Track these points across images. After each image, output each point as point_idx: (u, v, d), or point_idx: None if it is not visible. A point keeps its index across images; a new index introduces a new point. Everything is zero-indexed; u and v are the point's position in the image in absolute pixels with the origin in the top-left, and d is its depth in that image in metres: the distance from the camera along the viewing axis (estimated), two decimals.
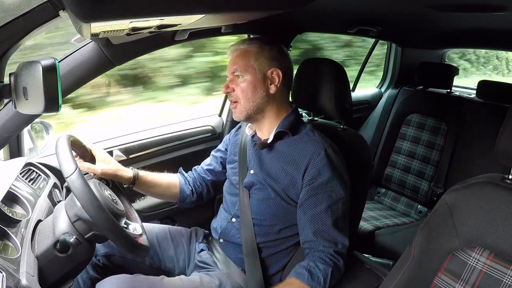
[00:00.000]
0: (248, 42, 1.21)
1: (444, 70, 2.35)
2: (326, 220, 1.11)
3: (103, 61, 1.16)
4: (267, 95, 1.19)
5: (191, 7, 0.70)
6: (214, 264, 1.28)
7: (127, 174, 1.23)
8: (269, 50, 1.19)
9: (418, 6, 1.48)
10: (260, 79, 1.18)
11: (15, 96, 0.73)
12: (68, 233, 0.89)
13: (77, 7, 0.58)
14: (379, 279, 1.18)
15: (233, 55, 1.21)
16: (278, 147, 1.19)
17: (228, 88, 1.19)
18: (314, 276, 1.06)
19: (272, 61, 1.19)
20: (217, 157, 1.42)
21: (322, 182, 1.11)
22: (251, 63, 1.17)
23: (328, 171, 1.11)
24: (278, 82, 1.19)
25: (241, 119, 1.22)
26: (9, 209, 0.95)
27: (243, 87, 1.17)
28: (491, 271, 0.81)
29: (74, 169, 0.88)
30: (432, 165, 2.21)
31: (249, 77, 1.17)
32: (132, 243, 0.92)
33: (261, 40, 1.21)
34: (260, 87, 1.18)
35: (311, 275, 1.06)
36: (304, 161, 1.13)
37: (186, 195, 1.37)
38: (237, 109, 1.20)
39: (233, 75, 1.19)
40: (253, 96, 1.17)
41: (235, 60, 1.19)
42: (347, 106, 1.34)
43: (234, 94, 1.19)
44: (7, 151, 1.27)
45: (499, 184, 0.85)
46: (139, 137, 1.68)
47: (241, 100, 1.18)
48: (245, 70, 1.17)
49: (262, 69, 1.18)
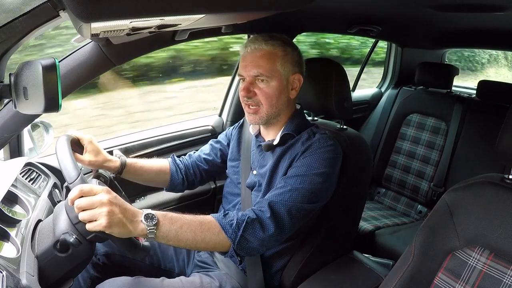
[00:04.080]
0: (272, 42, 1.11)
1: (444, 70, 2.35)
2: (282, 200, 1.04)
3: (103, 61, 1.16)
4: (288, 100, 1.16)
5: (191, 7, 0.70)
6: (213, 264, 1.28)
7: (114, 164, 1.22)
8: (292, 53, 1.14)
9: (418, 6, 1.48)
10: (284, 85, 1.13)
11: (15, 96, 0.73)
12: (68, 233, 0.88)
13: (77, 7, 0.58)
14: (379, 279, 1.19)
15: (254, 54, 1.11)
16: (281, 148, 1.18)
17: (249, 92, 1.12)
18: (228, 216, 1.00)
19: (295, 66, 1.15)
20: (216, 148, 1.41)
21: (301, 170, 1.08)
22: (278, 68, 1.11)
23: (317, 152, 1.09)
24: (298, 87, 1.16)
25: (258, 124, 1.18)
26: (9, 209, 0.95)
27: (269, 93, 1.11)
28: (491, 271, 0.81)
29: (77, 176, 0.88)
30: (432, 165, 2.21)
31: (275, 83, 1.11)
32: (133, 243, 0.92)
33: (283, 41, 1.14)
34: (284, 93, 1.14)
35: (225, 215, 1.00)
36: (298, 154, 1.12)
37: (176, 183, 1.35)
38: (257, 114, 1.14)
39: (255, 78, 1.11)
40: (277, 102, 1.13)
41: (259, 62, 1.10)
42: (347, 106, 1.34)
43: (255, 98, 1.12)
44: (7, 151, 1.27)
45: (499, 184, 0.85)
46: (139, 137, 1.68)
47: (264, 106, 1.12)
48: (271, 76, 1.10)
49: (286, 74, 1.13)
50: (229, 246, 1.00)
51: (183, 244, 0.95)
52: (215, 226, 0.98)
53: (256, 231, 1.01)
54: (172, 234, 0.91)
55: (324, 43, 4.72)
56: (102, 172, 1.18)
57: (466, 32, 2.14)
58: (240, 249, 1.00)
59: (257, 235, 1.01)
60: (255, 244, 1.01)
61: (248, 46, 1.13)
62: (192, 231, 0.94)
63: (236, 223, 0.99)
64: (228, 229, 0.98)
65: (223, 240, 0.98)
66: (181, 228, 0.93)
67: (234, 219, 0.99)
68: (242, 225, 0.99)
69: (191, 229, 0.94)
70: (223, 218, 1.00)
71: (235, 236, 0.98)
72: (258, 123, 1.18)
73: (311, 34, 3.91)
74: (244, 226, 0.99)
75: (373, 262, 1.31)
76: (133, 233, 0.85)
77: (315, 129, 1.19)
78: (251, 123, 1.20)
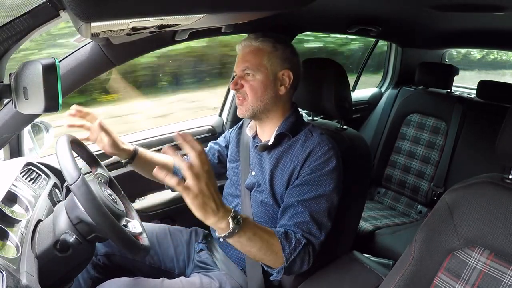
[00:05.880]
0: (262, 39, 1.15)
1: (444, 70, 2.35)
2: (305, 211, 1.06)
3: (103, 61, 1.16)
4: (276, 96, 1.17)
5: (191, 7, 0.71)
6: (213, 264, 1.28)
7: (128, 147, 1.27)
8: (282, 50, 1.16)
9: (418, 6, 1.49)
10: (271, 80, 1.15)
11: (15, 96, 0.73)
12: (68, 233, 0.89)
13: (77, 7, 0.58)
14: (379, 279, 1.19)
15: (244, 51, 1.16)
16: (278, 149, 1.18)
17: (237, 85, 1.16)
18: (288, 237, 1.02)
19: (284, 62, 1.16)
20: (214, 149, 1.42)
21: (312, 176, 1.09)
22: (264, 63, 1.14)
23: (321, 166, 1.09)
24: (288, 84, 1.17)
25: (246, 117, 1.20)
26: (9, 209, 0.95)
27: (253, 85, 1.14)
28: (491, 271, 0.81)
29: (78, 176, 0.88)
30: (432, 165, 2.21)
31: (260, 77, 1.14)
32: (133, 244, 0.92)
33: (275, 38, 1.17)
34: (271, 88, 1.15)
35: (286, 235, 1.02)
36: (300, 162, 1.11)
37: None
38: (243, 106, 1.17)
39: (243, 72, 1.15)
40: (262, 96, 1.15)
41: (246, 57, 1.15)
42: (347, 106, 1.34)
43: (242, 91, 1.16)
44: (7, 151, 1.27)
45: (499, 184, 0.85)
46: (139, 137, 1.68)
47: (249, 98, 1.16)
48: (257, 69, 1.14)
49: (274, 69, 1.15)
50: (280, 264, 1.01)
51: (246, 250, 0.97)
52: (277, 243, 1.00)
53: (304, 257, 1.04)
54: (243, 239, 0.92)
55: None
56: (101, 172, 1.18)
57: (466, 32, 2.14)
58: (289, 271, 1.03)
59: (303, 259, 1.04)
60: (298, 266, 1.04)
61: (240, 44, 1.18)
62: (261, 242, 0.96)
63: (294, 245, 1.01)
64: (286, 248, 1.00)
65: (279, 259, 1.00)
66: (254, 235, 0.94)
67: (292, 240, 1.02)
68: (299, 248, 1.01)
69: (262, 239, 0.96)
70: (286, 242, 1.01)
71: (290, 257, 1.00)
72: (245, 116, 1.19)
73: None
74: (300, 251, 1.01)
75: (373, 262, 1.31)
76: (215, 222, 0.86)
77: (312, 128, 1.19)
78: (240, 116, 1.22)
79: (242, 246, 0.94)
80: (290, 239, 1.01)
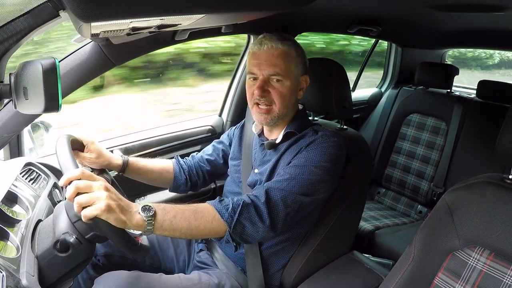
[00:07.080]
0: (287, 42, 1.11)
1: (444, 70, 2.35)
2: (279, 187, 1.03)
3: (103, 61, 1.16)
4: (296, 101, 1.18)
5: (191, 7, 0.71)
6: (213, 264, 1.28)
7: (116, 162, 1.22)
8: (302, 55, 1.15)
9: (418, 6, 1.49)
10: (295, 86, 1.14)
11: (15, 96, 0.73)
12: (68, 233, 0.88)
13: (77, 7, 0.58)
14: (379, 279, 1.19)
15: (270, 53, 1.09)
16: (284, 146, 1.18)
17: (264, 91, 1.10)
18: (223, 202, 0.99)
19: (304, 67, 1.16)
20: (219, 149, 1.41)
21: (301, 161, 1.08)
22: (292, 69, 1.11)
23: (315, 156, 1.08)
24: (305, 88, 1.18)
25: (269, 125, 1.18)
26: (9, 209, 0.95)
27: (283, 92, 1.10)
28: (491, 271, 0.81)
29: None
30: (432, 165, 2.21)
31: (288, 83, 1.11)
32: (133, 244, 0.92)
33: (294, 41, 1.14)
34: (294, 93, 1.15)
35: (221, 201, 1.00)
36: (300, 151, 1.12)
37: (179, 184, 1.35)
38: (269, 114, 1.13)
39: (269, 76, 1.10)
40: (289, 102, 1.14)
41: (275, 61, 1.09)
42: (347, 106, 1.34)
43: (269, 97, 1.11)
44: (7, 151, 1.27)
45: (499, 184, 0.85)
46: (139, 137, 1.68)
47: (277, 105, 1.12)
48: (287, 76, 1.10)
49: (298, 75, 1.14)
50: (224, 231, 0.98)
51: (178, 234, 0.93)
52: (209, 212, 0.97)
53: (251, 216, 1.00)
54: (166, 224, 0.90)
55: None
56: (101, 172, 1.18)
57: (466, 32, 2.14)
58: (236, 234, 0.99)
59: (252, 220, 1.00)
60: (250, 230, 1.00)
61: (263, 44, 1.10)
62: (186, 220, 0.93)
63: (232, 207, 0.98)
64: (224, 213, 0.97)
65: (219, 225, 0.97)
66: (175, 217, 0.91)
67: (229, 204, 0.99)
68: (237, 209, 0.98)
69: (185, 217, 0.93)
70: (218, 203, 0.99)
71: (231, 220, 0.97)
72: (269, 124, 1.17)
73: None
74: (239, 210, 0.98)
75: (373, 262, 1.31)
76: (128, 224, 0.83)
77: (318, 127, 1.20)
78: (262, 124, 1.19)
79: (172, 231, 0.91)
80: (226, 203, 0.99)
